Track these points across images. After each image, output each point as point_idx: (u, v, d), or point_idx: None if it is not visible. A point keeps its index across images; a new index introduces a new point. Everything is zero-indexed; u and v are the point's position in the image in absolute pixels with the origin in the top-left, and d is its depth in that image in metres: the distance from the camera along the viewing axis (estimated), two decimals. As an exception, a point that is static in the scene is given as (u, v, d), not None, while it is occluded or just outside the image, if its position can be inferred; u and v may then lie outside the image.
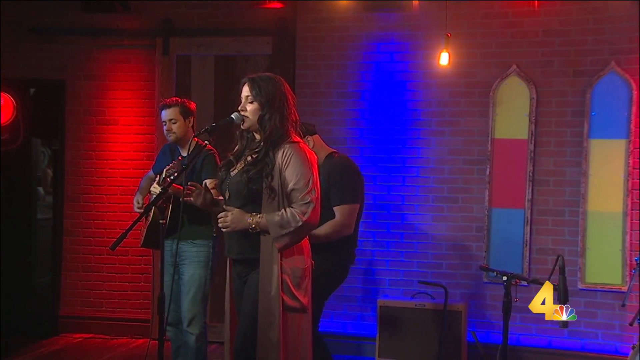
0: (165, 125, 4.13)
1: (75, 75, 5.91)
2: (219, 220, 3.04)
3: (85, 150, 5.91)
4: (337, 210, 3.86)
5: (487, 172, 5.26)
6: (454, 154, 5.35)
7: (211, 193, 3.19)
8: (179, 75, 5.73)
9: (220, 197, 3.20)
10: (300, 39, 5.59)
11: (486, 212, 5.24)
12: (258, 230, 3.00)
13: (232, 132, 3.24)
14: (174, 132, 4.10)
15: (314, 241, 3.38)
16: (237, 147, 3.20)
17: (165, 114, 4.12)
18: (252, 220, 2.99)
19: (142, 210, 3.93)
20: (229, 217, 3.01)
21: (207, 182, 3.81)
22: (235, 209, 3.03)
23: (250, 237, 3.03)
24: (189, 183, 3.18)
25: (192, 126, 4.17)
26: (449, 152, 5.37)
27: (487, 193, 5.24)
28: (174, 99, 4.23)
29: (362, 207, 4.04)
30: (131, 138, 5.86)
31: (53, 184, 6.96)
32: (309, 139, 3.95)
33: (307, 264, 3.11)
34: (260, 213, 3.01)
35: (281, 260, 3.01)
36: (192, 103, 4.22)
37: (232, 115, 3.12)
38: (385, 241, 5.44)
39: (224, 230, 3.05)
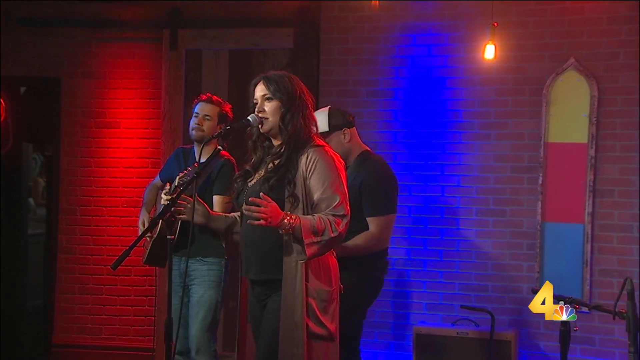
0: (195, 118, 4.18)
1: (71, 72, 5.95)
2: (254, 209, 2.87)
3: (82, 157, 5.94)
4: (372, 221, 3.84)
5: (540, 181, 5.22)
6: (501, 160, 5.32)
7: (204, 207, 3.13)
8: (188, 72, 5.76)
9: (219, 213, 3.24)
10: (325, 31, 5.60)
11: (538, 227, 5.20)
12: (290, 232, 2.94)
13: (246, 136, 3.25)
14: (203, 130, 4.14)
15: (342, 254, 3.39)
16: (253, 159, 3.21)
17: (203, 108, 4.19)
18: (287, 221, 2.92)
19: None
20: (269, 208, 2.89)
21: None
22: (273, 202, 2.92)
23: (271, 256, 3.02)
24: (178, 199, 3.17)
25: None
26: (495, 158, 5.34)
27: (540, 205, 5.20)
28: (220, 99, 4.28)
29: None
30: (134, 143, 5.89)
31: (46, 195, 7.02)
32: (346, 131, 3.94)
33: (334, 286, 3.11)
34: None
35: (306, 281, 2.99)
36: (232, 114, 4.26)
37: (249, 117, 3.13)
38: (421, 260, 5.42)
39: (255, 223, 2.89)
